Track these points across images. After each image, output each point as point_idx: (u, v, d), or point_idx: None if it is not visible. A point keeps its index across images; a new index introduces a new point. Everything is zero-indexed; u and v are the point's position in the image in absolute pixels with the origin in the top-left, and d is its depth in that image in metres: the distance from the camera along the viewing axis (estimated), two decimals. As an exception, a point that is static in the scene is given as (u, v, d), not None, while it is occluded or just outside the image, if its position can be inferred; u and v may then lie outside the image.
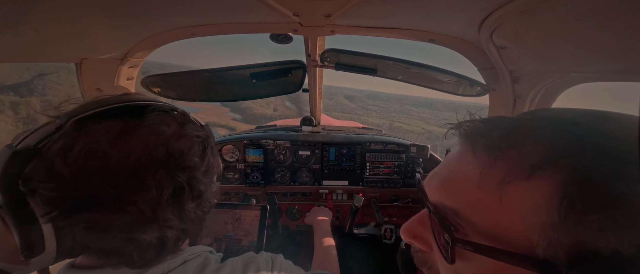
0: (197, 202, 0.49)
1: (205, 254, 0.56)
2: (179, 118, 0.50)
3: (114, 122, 0.42)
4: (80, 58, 1.08)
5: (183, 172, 0.45)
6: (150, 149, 0.42)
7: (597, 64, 0.77)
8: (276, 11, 0.87)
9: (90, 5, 0.75)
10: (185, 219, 0.47)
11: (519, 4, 0.69)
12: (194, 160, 0.46)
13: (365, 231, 1.58)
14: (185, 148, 0.46)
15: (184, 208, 0.46)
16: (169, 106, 0.51)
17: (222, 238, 0.92)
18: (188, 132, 0.48)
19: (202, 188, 0.49)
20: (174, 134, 0.46)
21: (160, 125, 0.45)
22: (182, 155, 0.45)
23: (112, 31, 0.97)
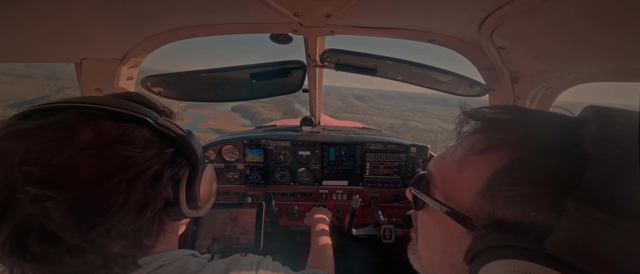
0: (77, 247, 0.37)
1: (185, 258, 0.54)
2: (104, 126, 0.41)
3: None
4: (80, 58, 1.08)
5: (48, 199, 0.34)
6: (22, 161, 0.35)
7: (597, 64, 0.77)
8: (276, 11, 0.87)
9: (90, 5, 0.75)
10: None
11: (518, 4, 0.69)
12: (78, 182, 0.36)
13: (364, 231, 1.58)
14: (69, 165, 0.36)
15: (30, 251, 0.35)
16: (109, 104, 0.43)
17: (220, 238, 0.92)
18: (95, 143, 0.38)
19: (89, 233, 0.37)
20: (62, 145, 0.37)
21: (48, 131, 0.37)
22: (59, 173, 0.35)
23: (112, 31, 0.97)
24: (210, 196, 0.58)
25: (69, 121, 0.40)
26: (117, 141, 0.41)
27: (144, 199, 0.42)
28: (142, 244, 0.45)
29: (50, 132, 0.38)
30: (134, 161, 0.41)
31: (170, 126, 0.48)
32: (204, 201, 0.54)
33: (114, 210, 0.38)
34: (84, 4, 0.74)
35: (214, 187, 0.61)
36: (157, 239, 0.49)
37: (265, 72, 1.40)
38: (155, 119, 0.47)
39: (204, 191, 0.54)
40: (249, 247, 0.92)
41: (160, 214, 0.46)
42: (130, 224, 0.41)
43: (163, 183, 0.45)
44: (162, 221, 0.48)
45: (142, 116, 0.45)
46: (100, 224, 0.38)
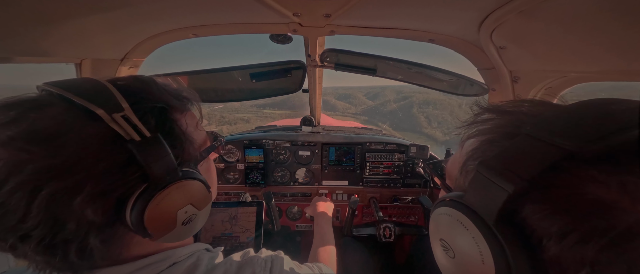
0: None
1: (198, 254, 0.50)
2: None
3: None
4: (80, 58, 1.08)
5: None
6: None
7: (596, 64, 0.77)
8: (276, 11, 0.87)
9: (91, 6, 0.75)
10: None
11: (518, 4, 0.69)
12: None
13: (364, 231, 1.58)
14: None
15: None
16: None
17: (220, 237, 0.92)
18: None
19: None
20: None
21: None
22: None
23: (112, 31, 0.97)
24: (174, 225, 0.43)
25: (27, 103, 0.36)
26: (39, 139, 0.33)
27: (57, 213, 0.33)
28: (74, 262, 0.37)
29: (3, 112, 0.34)
30: (45, 165, 0.33)
31: (124, 125, 0.37)
32: (157, 230, 0.41)
33: (15, 220, 0.33)
34: (84, 4, 0.74)
35: (185, 215, 0.44)
36: (107, 254, 0.40)
37: (265, 72, 1.40)
38: (111, 113, 0.37)
39: (157, 219, 0.40)
40: (250, 245, 0.92)
41: (97, 234, 0.37)
42: (52, 237, 0.34)
43: (83, 199, 0.34)
44: (106, 238, 0.38)
45: (94, 106, 0.36)
46: (10, 228, 0.33)
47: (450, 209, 0.34)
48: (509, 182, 0.27)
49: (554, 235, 0.25)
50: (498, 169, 0.29)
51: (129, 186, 0.38)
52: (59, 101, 0.37)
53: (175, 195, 0.42)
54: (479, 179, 0.31)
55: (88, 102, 0.36)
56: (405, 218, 1.88)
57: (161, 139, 0.40)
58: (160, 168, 0.39)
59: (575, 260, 0.23)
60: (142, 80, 0.46)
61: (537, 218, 0.26)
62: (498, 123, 0.36)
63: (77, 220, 0.35)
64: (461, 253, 0.33)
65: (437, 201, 0.38)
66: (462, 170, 0.37)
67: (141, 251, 0.45)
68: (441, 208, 0.36)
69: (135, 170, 0.38)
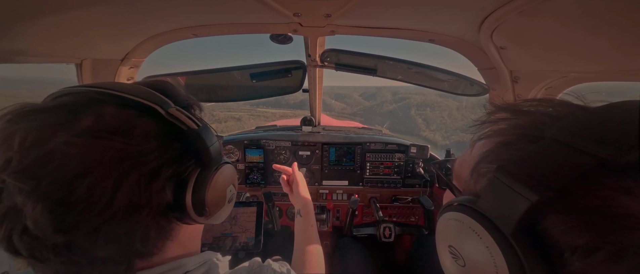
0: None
1: (209, 263, 0.51)
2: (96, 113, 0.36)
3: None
4: (80, 58, 1.08)
5: (21, 191, 0.32)
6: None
7: (596, 64, 0.77)
8: (276, 11, 0.87)
9: (91, 6, 0.76)
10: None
11: (518, 4, 0.69)
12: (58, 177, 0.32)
13: (364, 231, 1.58)
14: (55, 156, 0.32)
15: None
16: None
17: (221, 236, 0.92)
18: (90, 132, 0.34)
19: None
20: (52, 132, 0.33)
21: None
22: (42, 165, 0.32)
23: (112, 31, 0.97)
24: (224, 202, 0.50)
25: (74, 104, 0.36)
26: (113, 130, 0.35)
27: (135, 199, 0.35)
28: (137, 251, 0.39)
29: (51, 113, 0.35)
30: (126, 154, 0.35)
31: (182, 117, 0.41)
32: (214, 207, 0.46)
33: (97, 210, 0.33)
34: (85, 5, 0.74)
35: (230, 192, 0.52)
36: (158, 246, 0.43)
37: (265, 72, 1.40)
38: (166, 109, 0.40)
39: (214, 196, 0.46)
40: (250, 245, 0.92)
41: (160, 219, 0.40)
42: (121, 227, 0.35)
43: (159, 183, 0.37)
44: (163, 226, 0.41)
45: (151, 103, 0.39)
46: (81, 224, 0.33)
47: (462, 215, 0.32)
48: (532, 191, 0.25)
49: (579, 250, 0.23)
50: (519, 176, 0.26)
51: (188, 171, 0.42)
52: (111, 100, 0.39)
53: (223, 175, 0.48)
54: (496, 185, 0.29)
55: (145, 100, 0.40)
56: (405, 217, 1.88)
57: (210, 127, 0.46)
58: (212, 153, 0.44)
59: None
60: (165, 82, 0.49)
61: (561, 230, 0.24)
62: (515, 124, 0.33)
63: (150, 206, 0.37)
64: (472, 262, 0.31)
65: (446, 205, 0.36)
66: (473, 172, 0.35)
67: (164, 256, 0.46)
68: (451, 213, 0.34)
69: (191, 156, 0.42)
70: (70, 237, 0.33)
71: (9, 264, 1.22)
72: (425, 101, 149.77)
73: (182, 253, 0.49)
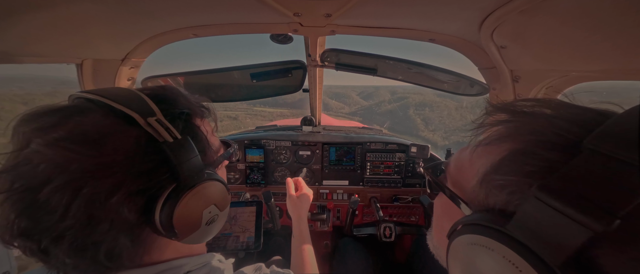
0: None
1: (210, 266, 0.51)
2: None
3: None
4: (80, 59, 1.08)
5: (3, 191, 0.34)
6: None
7: (597, 63, 0.77)
8: (276, 11, 0.87)
9: (91, 6, 0.76)
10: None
11: (518, 4, 0.69)
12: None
13: (364, 231, 1.58)
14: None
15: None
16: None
17: (220, 236, 0.92)
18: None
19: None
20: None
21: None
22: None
23: (112, 31, 0.97)
24: (199, 225, 0.45)
25: (68, 110, 0.38)
26: (83, 140, 0.35)
27: (93, 212, 0.35)
28: (102, 264, 0.38)
29: (46, 118, 0.36)
30: (86, 166, 0.34)
31: (158, 128, 0.39)
32: (184, 229, 0.42)
33: (56, 218, 0.34)
34: (85, 5, 0.74)
35: (209, 215, 0.46)
36: (131, 257, 0.41)
37: (266, 72, 1.40)
38: (145, 118, 0.39)
39: (184, 218, 0.41)
40: (249, 245, 0.93)
41: (127, 233, 0.38)
42: (85, 238, 0.35)
43: (119, 198, 0.36)
44: (134, 239, 0.40)
45: (131, 112, 0.39)
46: (44, 230, 0.34)
47: (491, 240, 0.27)
48: (594, 219, 0.21)
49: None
50: (571, 198, 0.22)
51: (160, 186, 0.40)
52: (96, 107, 0.39)
53: (201, 195, 0.44)
54: (539, 207, 0.24)
55: (125, 108, 0.39)
56: (405, 217, 1.88)
57: (190, 140, 0.43)
58: (189, 169, 0.41)
59: None
60: (168, 88, 0.49)
61: (623, 266, 0.21)
62: (526, 128, 0.30)
63: (111, 220, 0.36)
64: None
65: (462, 224, 0.32)
66: (483, 183, 0.31)
67: (160, 257, 0.46)
68: (473, 236, 0.29)
69: (166, 170, 0.40)
70: (35, 240, 0.35)
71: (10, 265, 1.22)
72: (423, 100, 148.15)
73: (182, 254, 0.49)
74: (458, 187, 0.38)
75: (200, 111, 0.51)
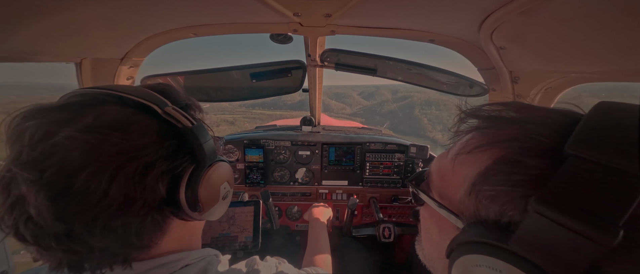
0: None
1: (209, 259, 0.53)
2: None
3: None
4: (80, 58, 1.08)
5: (27, 181, 0.34)
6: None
7: (596, 64, 0.77)
8: (276, 11, 0.87)
9: (91, 5, 0.75)
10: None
11: (518, 5, 0.69)
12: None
13: (363, 232, 1.58)
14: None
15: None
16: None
17: (218, 237, 0.92)
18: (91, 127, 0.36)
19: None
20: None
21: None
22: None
23: (112, 31, 0.97)
24: (218, 199, 0.51)
25: (80, 103, 0.40)
26: (112, 126, 0.38)
27: (130, 192, 0.37)
28: (132, 244, 0.40)
29: (59, 112, 0.38)
30: (122, 149, 0.37)
31: (177, 116, 0.43)
32: (207, 203, 0.47)
33: (94, 201, 0.35)
34: (84, 4, 0.74)
35: (224, 190, 0.52)
36: (154, 239, 0.44)
37: (266, 72, 1.40)
38: (162, 108, 0.43)
39: (207, 192, 0.47)
40: (248, 244, 0.92)
41: (155, 213, 0.41)
42: (117, 219, 0.37)
43: (153, 177, 0.39)
44: (158, 220, 0.43)
45: (148, 102, 0.42)
46: (79, 214, 0.35)
47: (499, 261, 0.25)
48: (601, 232, 0.20)
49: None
50: (572, 211, 0.22)
51: (183, 167, 0.44)
52: (112, 99, 0.42)
53: (217, 173, 0.49)
54: (540, 223, 0.23)
55: (142, 99, 0.42)
56: (405, 217, 1.88)
57: (204, 125, 0.48)
58: (206, 150, 0.46)
59: None
60: (165, 85, 0.52)
61: (633, 272, 0.21)
62: (506, 134, 0.30)
63: (144, 199, 0.39)
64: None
65: (459, 243, 0.30)
66: (471, 193, 0.31)
67: (160, 249, 0.48)
68: (476, 257, 0.27)
69: (185, 153, 0.44)
70: (69, 226, 0.35)
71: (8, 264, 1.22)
72: (428, 99, 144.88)
73: (182, 247, 0.51)
74: (445, 199, 0.37)
75: (195, 104, 0.55)
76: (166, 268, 0.46)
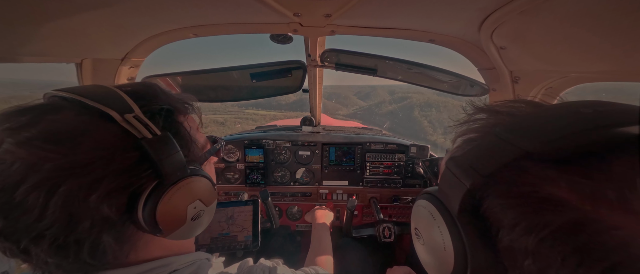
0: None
1: (200, 263, 0.50)
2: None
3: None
4: (80, 58, 1.08)
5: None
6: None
7: (596, 64, 0.77)
8: (276, 11, 0.87)
9: (91, 5, 0.76)
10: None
11: (518, 5, 0.69)
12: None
13: (363, 232, 1.58)
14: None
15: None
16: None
17: (218, 237, 0.92)
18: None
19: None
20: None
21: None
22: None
23: (112, 31, 0.97)
24: (184, 221, 0.45)
25: (40, 109, 0.37)
26: (56, 139, 0.34)
27: (73, 211, 0.34)
28: (86, 262, 0.37)
29: (16, 118, 0.35)
30: (62, 164, 0.34)
31: (137, 125, 0.39)
32: (169, 225, 0.42)
33: (33, 218, 0.33)
34: (85, 4, 0.74)
35: (193, 210, 0.46)
36: (119, 254, 0.41)
37: (265, 72, 1.40)
38: (123, 115, 0.39)
39: (168, 213, 0.41)
40: (248, 244, 0.93)
41: (111, 231, 0.38)
42: (66, 237, 0.35)
43: (99, 195, 0.35)
44: (118, 237, 0.39)
45: (107, 109, 0.38)
46: (22, 230, 0.33)
47: (425, 201, 0.37)
48: (468, 178, 0.30)
49: (506, 227, 0.27)
50: (462, 166, 0.31)
51: (142, 183, 0.39)
52: (71, 105, 0.39)
53: (185, 190, 0.43)
54: (447, 174, 0.33)
55: (101, 105, 0.38)
56: (405, 218, 1.88)
57: (170, 136, 0.42)
58: (171, 164, 0.41)
59: (521, 250, 0.25)
60: (148, 84, 0.48)
61: (495, 211, 0.28)
62: (485, 123, 0.36)
63: (91, 217, 0.35)
64: (429, 240, 0.37)
65: (419, 195, 0.42)
66: (445, 166, 0.39)
67: (147, 255, 0.45)
68: (419, 200, 0.40)
69: (147, 167, 0.40)
70: (15, 240, 0.34)
71: (9, 265, 1.22)
72: (428, 100, 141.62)
73: (171, 252, 0.49)
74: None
75: (183, 107, 0.50)
76: (152, 273, 0.44)
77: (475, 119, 0.38)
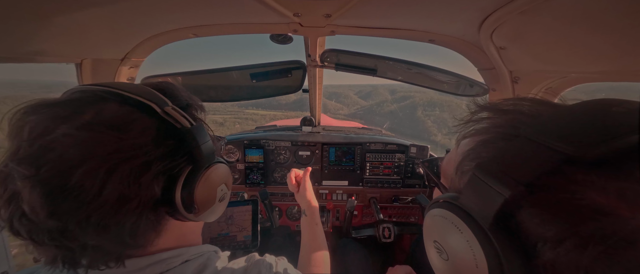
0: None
1: (208, 255, 0.53)
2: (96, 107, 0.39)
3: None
4: (80, 58, 1.08)
5: (23, 177, 0.35)
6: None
7: (596, 64, 0.77)
8: (276, 12, 0.87)
9: (91, 6, 0.76)
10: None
11: (518, 5, 0.69)
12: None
13: (363, 233, 1.58)
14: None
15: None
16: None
17: (217, 237, 0.92)
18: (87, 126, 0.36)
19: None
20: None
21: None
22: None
23: (112, 31, 0.97)
24: (214, 201, 0.50)
25: (80, 100, 0.40)
26: (110, 124, 0.37)
27: (125, 191, 0.37)
28: (126, 242, 0.40)
29: (59, 108, 0.37)
30: (119, 147, 0.37)
31: (176, 116, 0.43)
32: (203, 204, 0.47)
33: (88, 198, 0.35)
34: (84, 4, 0.74)
35: (221, 192, 0.52)
36: (149, 238, 0.44)
37: (266, 72, 1.40)
38: (162, 107, 0.42)
39: (204, 194, 0.46)
40: (247, 244, 0.93)
41: (150, 213, 0.41)
42: (111, 218, 0.37)
43: (149, 177, 0.39)
44: (153, 220, 0.42)
45: (148, 102, 0.42)
46: (72, 211, 0.35)
47: (445, 211, 0.33)
48: (506, 187, 0.26)
49: (549, 240, 0.24)
50: (495, 173, 0.28)
51: (180, 167, 0.44)
52: (112, 97, 0.41)
53: (215, 174, 0.49)
54: (475, 181, 0.30)
55: (142, 98, 0.42)
56: (405, 218, 1.88)
57: (204, 126, 0.48)
58: (204, 151, 0.46)
59: (570, 266, 0.23)
60: (168, 84, 0.52)
61: (534, 222, 0.25)
62: (495, 123, 0.35)
63: (139, 198, 0.39)
64: (455, 256, 0.33)
65: (432, 202, 0.38)
66: (457, 170, 0.36)
67: (164, 244, 0.48)
68: (436, 209, 0.35)
69: (183, 153, 0.44)
70: (62, 223, 0.35)
71: (9, 265, 1.22)
72: (431, 99, 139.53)
73: (182, 244, 0.51)
74: (446, 178, 0.44)
75: (197, 104, 0.55)
76: (166, 263, 0.46)
77: (479, 118, 0.37)
